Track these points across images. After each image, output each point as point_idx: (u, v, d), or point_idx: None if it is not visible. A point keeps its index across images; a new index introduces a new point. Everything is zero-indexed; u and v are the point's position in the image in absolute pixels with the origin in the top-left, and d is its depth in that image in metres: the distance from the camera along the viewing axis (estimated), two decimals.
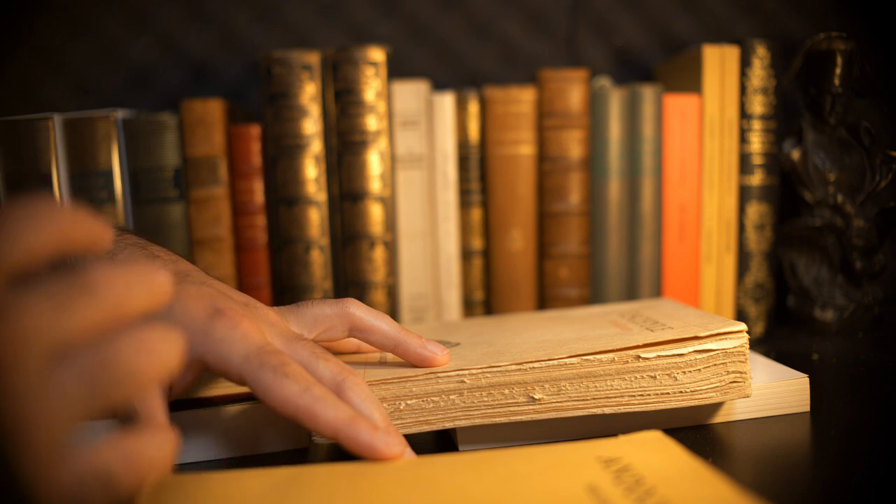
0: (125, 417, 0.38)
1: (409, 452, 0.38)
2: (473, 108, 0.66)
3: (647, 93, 0.67)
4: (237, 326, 0.38)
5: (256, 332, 0.39)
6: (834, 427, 0.44)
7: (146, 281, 0.28)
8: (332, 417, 0.36)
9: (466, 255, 0.68)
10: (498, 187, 0.67)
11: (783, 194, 0.70)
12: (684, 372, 0.43)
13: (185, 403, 0.43)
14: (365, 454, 0.36)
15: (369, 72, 0.62)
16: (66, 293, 0.25)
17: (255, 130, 0.63)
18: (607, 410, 0.43)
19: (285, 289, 0.63)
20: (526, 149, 0.66)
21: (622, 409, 0.43)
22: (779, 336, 0.69)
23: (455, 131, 0.66)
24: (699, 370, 0.43)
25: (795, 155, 0.69)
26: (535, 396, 0.42)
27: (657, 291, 0.68)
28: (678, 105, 0.67)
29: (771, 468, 0.40)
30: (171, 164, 0.61)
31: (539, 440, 0.44)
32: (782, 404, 0.46)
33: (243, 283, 0.63)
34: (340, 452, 0.38)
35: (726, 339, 0.43)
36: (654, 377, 0.43)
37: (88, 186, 0.59)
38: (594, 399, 0.42)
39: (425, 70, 0.75)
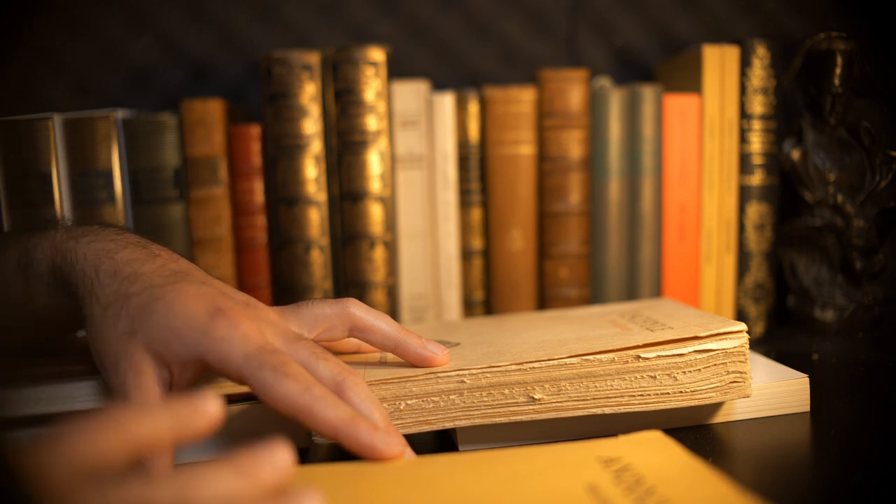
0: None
1: (409, 452, 0.38)
2: (473, 108, 0.66)
3: (647, 93, 0.67)
4: (238, 326, 0.38)
5: (257, 331, 0.39)
6: (834, 427, 0.44)
7: (187, 414, 0.28)
8: (332, 417, 0.36)
9: (466, 255, 0.68)
10: (498, 187, 0.67)
11: (783, 194, 0.70)
12: (684, 372, 0.43)
13: None
14: (365, 454, 0.36)
15: (369, 72, 0.62)
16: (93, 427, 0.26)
17: (255, 130, 0.63)
18: (607, 410, 0.43)
19: (285, 289, 0.63)
20: (526, 149, 0.66)
21: (622, 409, 0.43)
22: (779, 336, 0.69)
23: (455, 131, 0.66)
24: (699, 370, 0.43)
25: (795, 155, 0.69)
26: (535, 396, 0.42)
27: (657, 291, 0.68)
28: (678, 105, 0.67)
29: (771, 468, 0.40)
30: (171, 164, 0.61)
31: (539, 440, 0.44)
32: (782, 404, 0.46)
33: (243, 283, 0.63)
34: (340, 452, 0.38)
35: (726, 339, 0.43)
36: (654, 377, 0.43)
37: (88, 186, 0.59)
38: (594, 399, 0.42)
39: (425, 70, 0.75)
